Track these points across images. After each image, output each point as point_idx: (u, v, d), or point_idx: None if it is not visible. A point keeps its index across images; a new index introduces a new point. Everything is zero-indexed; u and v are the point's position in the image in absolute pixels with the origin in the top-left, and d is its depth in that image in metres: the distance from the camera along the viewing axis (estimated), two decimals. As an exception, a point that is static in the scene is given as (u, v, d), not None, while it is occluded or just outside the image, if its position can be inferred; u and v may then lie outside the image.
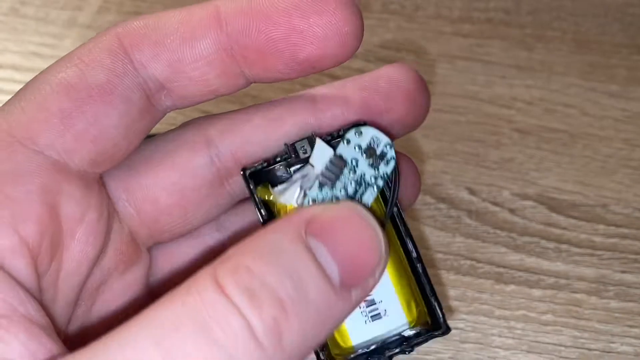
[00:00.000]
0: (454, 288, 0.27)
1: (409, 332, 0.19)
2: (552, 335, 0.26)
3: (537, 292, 0.27)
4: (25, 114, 0.16)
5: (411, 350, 0.19)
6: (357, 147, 0.18)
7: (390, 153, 0.19)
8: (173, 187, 0.19)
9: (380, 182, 0.18)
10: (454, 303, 0.27)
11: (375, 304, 0.19)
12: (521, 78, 0.35)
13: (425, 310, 0.20)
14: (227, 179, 0.20)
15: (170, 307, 0.13)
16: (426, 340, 0.19)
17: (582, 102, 0.35)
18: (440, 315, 0.19)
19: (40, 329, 0.15)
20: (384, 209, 0.19)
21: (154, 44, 0.17)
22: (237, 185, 0.20)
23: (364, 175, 0.18)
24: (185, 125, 0.20)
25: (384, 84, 0.20)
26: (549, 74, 0.36)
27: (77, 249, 0.17)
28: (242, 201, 0.21)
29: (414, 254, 0.19)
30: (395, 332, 0.19)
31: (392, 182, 0.19)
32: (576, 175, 0.31)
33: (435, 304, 0.19)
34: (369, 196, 0.19)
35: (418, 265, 0.19)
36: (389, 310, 0.19)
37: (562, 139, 0.33)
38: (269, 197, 0.19)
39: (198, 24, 0.17)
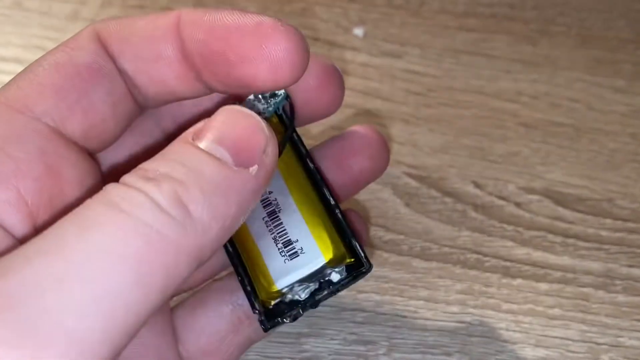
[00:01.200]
0: (461, 282, 0.27)
1: (335, 276, 0.20)
2: (560, 329, 0.26)
3: (544, 286, 0.27)
4: (21, 89, 0.18)
5: (338, 291, 0.20)
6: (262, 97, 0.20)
7: (282, 91, 0.20)
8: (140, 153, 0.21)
9: (271, 109, 0.20)
10: (460, 297, 0.27)
11: (292, 243, 0.21)
12: (526, 72, 0.35)
13: (344, 249, 0.21)
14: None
15: (84, 207, 0.15)
16: (351, 280, 0.20)
17: (588, 96, 0.34)
18: (362, 254, 0.20)
19: None
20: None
21: (121, 40, 0.18)
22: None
23: (260, 110, 0.20)
24: None
25: None
26: (553, 68, 0.36)
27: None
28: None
29: (332, 202, 0.21)
30: (314, 269, 0.20)
31: (288, 113, 0.21)
32: (582, 170, 0.31)
33: (356, 244, 0.20)
34: None
35: (336, 211, 0.21)
36: (305, 248, 0.20)
37: (568, 133, 0.33)
38: None
39: (160, 27, 0.18)
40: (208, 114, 0.19)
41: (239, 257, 0.21)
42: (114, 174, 0.20)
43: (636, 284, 0.28)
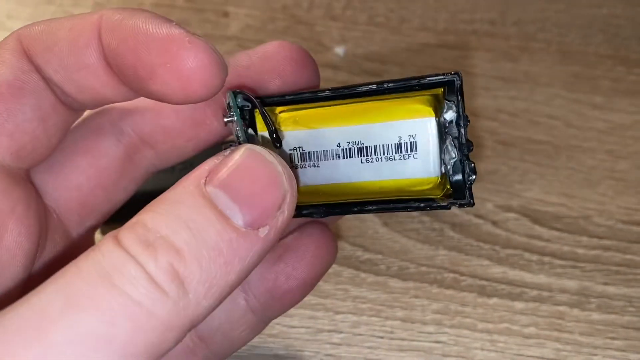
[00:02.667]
0: (437, 301, 0.28)
1: (449, 115, 0.18)
2: (535, 348, 0.27)
3: (519, 305, 0.28)
4: None
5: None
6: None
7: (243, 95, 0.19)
8: (90, 170, 0.20)
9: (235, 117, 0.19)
10: (436, 316, 0.27)
11: (398, 143, 0.18)
12: (505, 89, 0.35)
13: (425, 97, 0.18)
14: (135, 153, 0.21)
15: (76, 263, 0.14)
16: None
17: (566, 113, 0.35)
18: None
19: None
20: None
21: (45, 49, 0.17)
22: (147, 158, 0.21)
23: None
24: (92, 114, 0.21)
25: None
26: (533, 85, 0.36)
27: (11, 239, 0.17)
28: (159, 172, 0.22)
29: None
30: (435, 130, 0.18)
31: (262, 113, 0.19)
32: (560, 187, 0.31)
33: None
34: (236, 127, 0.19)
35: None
36: (405, 130, 0.18)
37: (546, 150, 0.33)
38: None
39: (83, 33, 0.17)
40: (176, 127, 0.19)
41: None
42: (75, 198, 0.20)
43: (611, 301, 0.28)
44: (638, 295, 0.28)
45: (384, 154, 0.18)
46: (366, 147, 0.18)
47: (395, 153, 0.18)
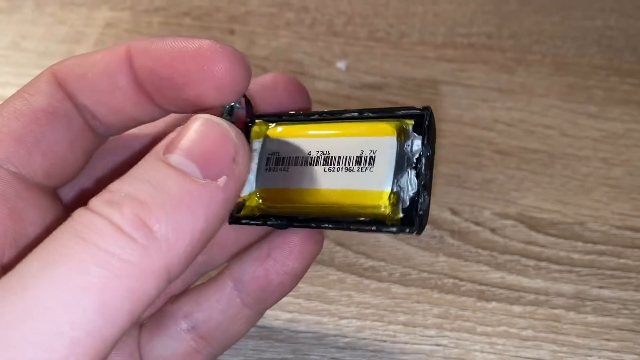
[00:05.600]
0: (438, 306, 0.29)
1: (416, 143, 0.19)
2: (532, 350, 0.28)
3: (517, 309, 0.29)
4: None
5: (431, 152, 0.19)
6: None
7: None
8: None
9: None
10: (437, 320, 0.28)
11: (360, 155, 0.20)
12: (502, 101, 0.37)
13: (395, 121, 0.20)
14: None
15: (53, 235, 0.15)
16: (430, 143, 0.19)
17: (562, 122, 0.36)
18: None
19: None
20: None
21: (79, 76, 0.20)
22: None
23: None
24: None
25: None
26: (529, 96, 0.37)
27: None
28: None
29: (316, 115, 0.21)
30: (395, 152, 0.19)
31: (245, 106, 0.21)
32: (555, 195, 0.33)
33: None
34: None
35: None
36: (370, 147, 0.20)
37: (542, 159, 0.34)
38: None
39: (113, 60, 0.20)
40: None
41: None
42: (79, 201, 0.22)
43: (605, 304, 0.29)
44: (632, 298, 0.29)
45: (345, 164, 0.20)
46: (331, 157, 0.20)
47: (355, 165, 0.19)
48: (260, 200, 0.21)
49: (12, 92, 0.36)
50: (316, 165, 0.20)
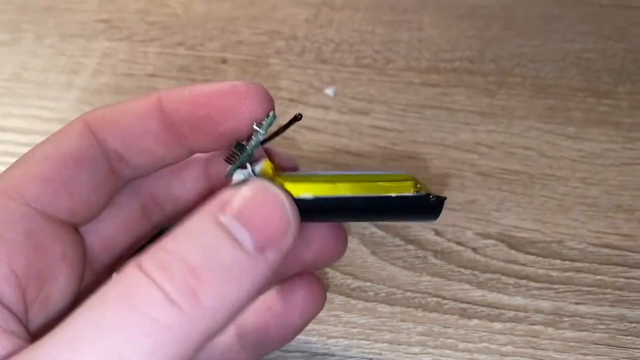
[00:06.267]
0: (422, 324, 0.30)
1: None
2: (512, 365, 0.29)
3: (498, 325, 0.30)
4: (14, 178, 0.21)
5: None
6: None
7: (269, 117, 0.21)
8: (116, 219, 0.24)
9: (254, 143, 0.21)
10: (421, 338, 0.30)
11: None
12: (484, 123, 0.38)
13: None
14: (149, 210, 0.24)
15: (103, 290, 0.16)
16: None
17: (541, 144, 0.37)
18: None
19: (20, 339, 0.18)
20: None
21: (111, 123, 0.22)
22: (158, 215, 0.25)
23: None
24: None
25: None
26: (510, 118, 0.39)
27: (62, 281, 0.21)
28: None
29: None
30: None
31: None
32: (534, 214, 0.34)
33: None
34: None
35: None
36: None
37: (522, 180, 0.36)
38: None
39: (145, 107, 0.21)
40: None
41: None
42: (102, 243, 0.24)
43: (583, 320, 0.30)
44: (608, 313, 0.30)
45: None
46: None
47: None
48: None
49: (14, 124, 0.39)
50: None
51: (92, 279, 0.23)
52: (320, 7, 0.46)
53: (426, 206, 0.21)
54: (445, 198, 0.21)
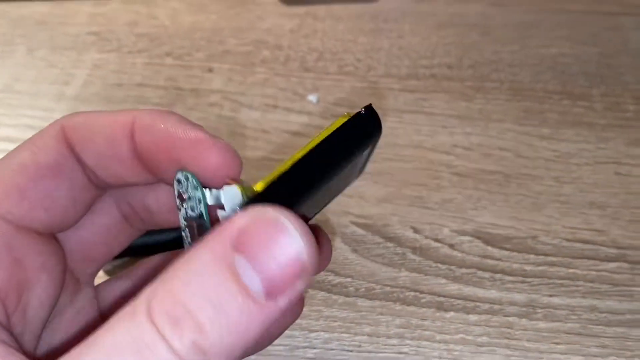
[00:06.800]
0: (400, 317, 0.31)
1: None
2: (487, 355, 0.30)
3: (473, 317, 0.31)
4: None
5: None
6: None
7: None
8: (94, 227, 0.24)
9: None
10: (399, 330, 0.31)
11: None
12: (461, 126, 0.40)
13: None
14: (130, 217, 0.25)
15: (113, 332, 0.16)
16: None
17: (517, 145, 0.39)
18: None
19: (14, 349, 0.18)
20: None
21: (85, 139, 0.21)
22: (140, 223, 0.25)
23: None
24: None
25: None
26: (486, 121, 0.40)
27: (40, 290, 0.21)
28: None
29: None
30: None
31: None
32: (510, 212, 0.35)
33: None
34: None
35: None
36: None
37: (498, 179, 0.37)
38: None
39: (118, 129, 0.21)
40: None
41: None
42: (80, 250, 0.24)
43: (555, 311, 0.31)
44: (579, 305, 0.31)
45: None
46: None
47: None
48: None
49: (7, 133, 0.40)
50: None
51: (72, 284, 0.24)
52: (304, 17, 0.47)
53: (363, 121, 0.21)
54: (370, 104, 0.21)
